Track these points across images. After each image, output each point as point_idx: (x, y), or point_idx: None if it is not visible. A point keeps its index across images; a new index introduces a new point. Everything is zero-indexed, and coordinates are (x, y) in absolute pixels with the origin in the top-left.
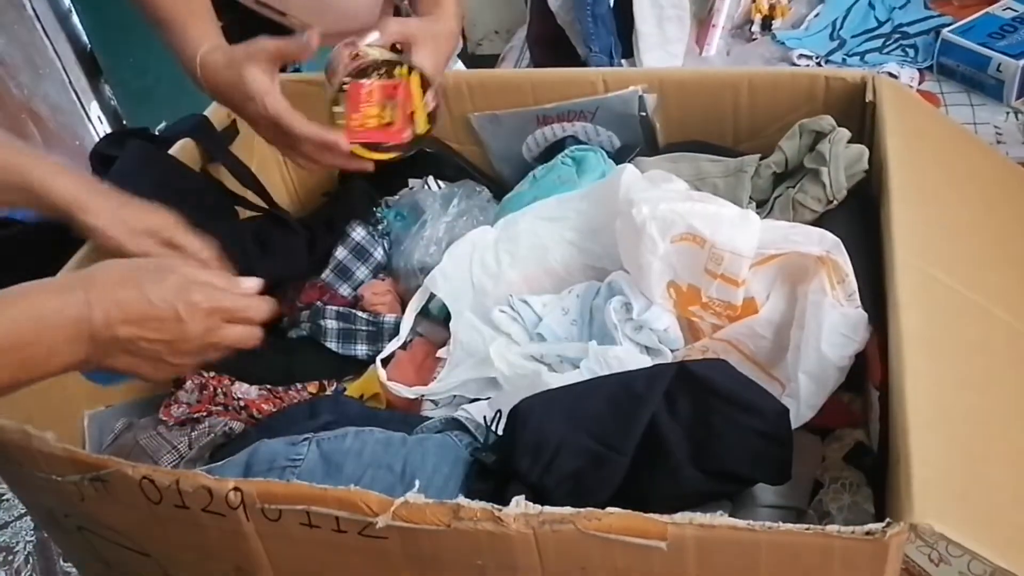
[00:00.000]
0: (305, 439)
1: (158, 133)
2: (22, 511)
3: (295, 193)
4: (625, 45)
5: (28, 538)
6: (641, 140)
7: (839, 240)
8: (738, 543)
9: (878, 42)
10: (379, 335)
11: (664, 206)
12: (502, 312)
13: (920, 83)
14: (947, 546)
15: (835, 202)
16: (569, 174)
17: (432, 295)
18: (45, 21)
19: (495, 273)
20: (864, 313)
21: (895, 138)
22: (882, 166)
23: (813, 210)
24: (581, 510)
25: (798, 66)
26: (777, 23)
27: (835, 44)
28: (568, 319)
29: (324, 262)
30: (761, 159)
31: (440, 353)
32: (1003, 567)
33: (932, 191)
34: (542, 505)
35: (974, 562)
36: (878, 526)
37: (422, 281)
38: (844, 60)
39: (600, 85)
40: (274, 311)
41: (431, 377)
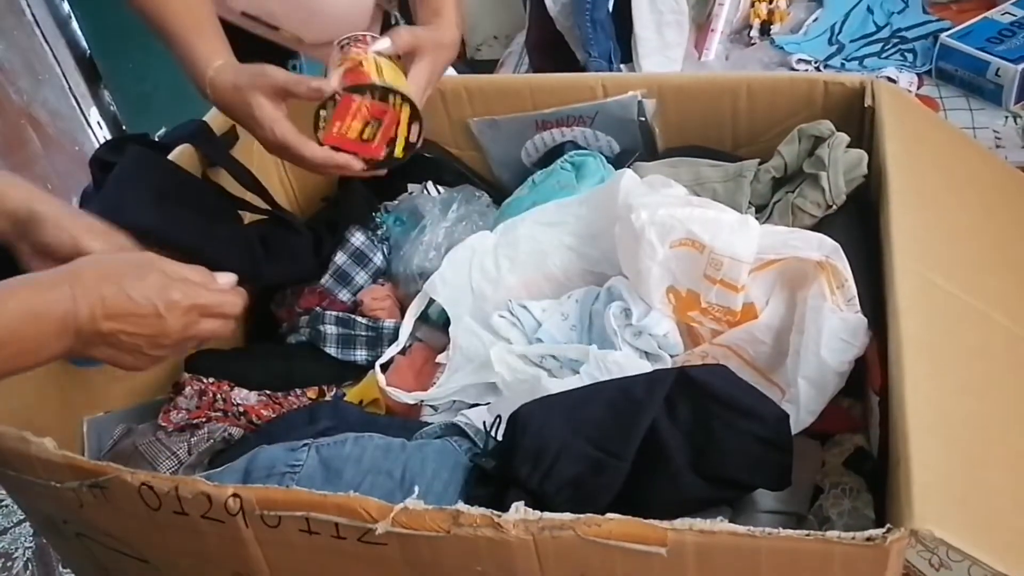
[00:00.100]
0: (304, 445)
1: (158, 139)
2: (21, 517)
3: (294, 199)
4: (624, 50)
5: (27, 544)
6: (640, 145)
7: (838, 245)
8: (738, 549)
9: (877, 47)
10: (378, 340)
11: (663, 211)
12: (501, 317)
13: (919, 88)
14: (947, 551)
15: (834, 207)
16: (568, 179)
17: (431, 300)
18: (44, 27)
19: (494, 278)
20: (864, 318)
21: (894, 143)
22: (881, 171)
23: (812, 215)
24: (581, 516)
25: (797, 71)
26: (776, 28)
27: (834, 49)
28: (567, 324)
29: (324, 267)
30: (760, 164)
31: (439, 358)
32: (1003, 572)
33: (931, 196)
34: (542, 511)
35: (974, 567)
36: (879, 532)
37: (421, 286)
38: (843, 65)
39: (599, 90)
40: (247, 303)
41: (430, 382)
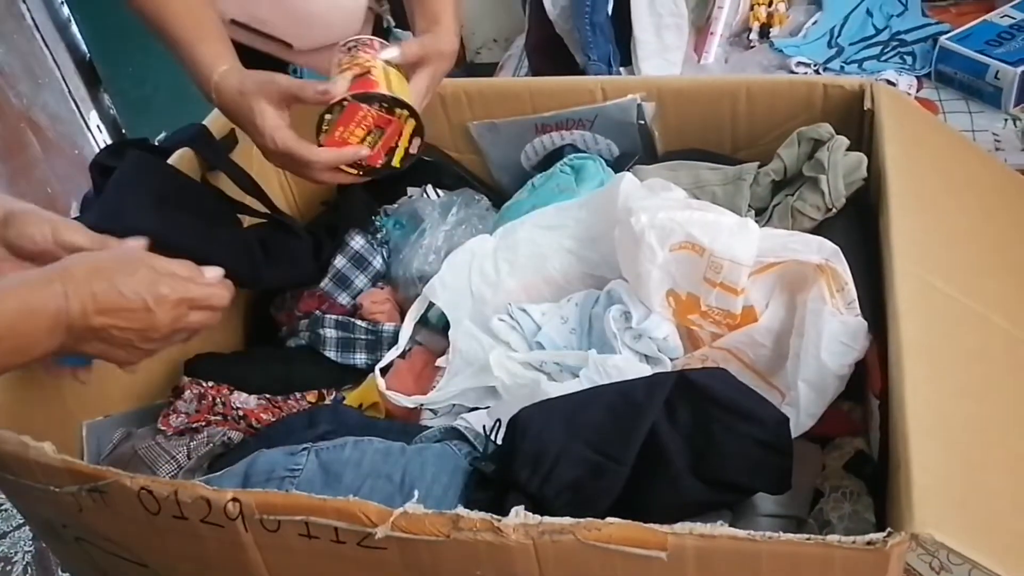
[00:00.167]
0: (304, 449)
1: (158, 143)
2: (20, 521)
3: (294, 203)
4: (623, 53)
5: (27, 548)
6: (640, 148)
7: (838, 248)
8: (738, 553)
9: (876, 49)
10: (378, 344)
11: (663, 214)
12: (501, 321)
13: (918, 90)
14: (948, 554)
15: (834, 210)
16: (568, 182)
17: (431, 304)
18: (44, 30)
19: (494, 282)
20: (863, 321)
21: (893, 146)
22: (880, 174)
23: (812, 218)
24: (581, 520)
25: (796, 74)
26: (775, 31)
27: (833, 52)
28: (567, 328)
29: (323, 270)
30: (760, 167)
31: (439, 362)
32: (1003, 575)
33: (931, 199)
34: (542, 515)
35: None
36: (879, 536)
37: (421, 290)
38: (842, 68)
39: (599, 93)
40: (234, 295)
41: (430, 386)
